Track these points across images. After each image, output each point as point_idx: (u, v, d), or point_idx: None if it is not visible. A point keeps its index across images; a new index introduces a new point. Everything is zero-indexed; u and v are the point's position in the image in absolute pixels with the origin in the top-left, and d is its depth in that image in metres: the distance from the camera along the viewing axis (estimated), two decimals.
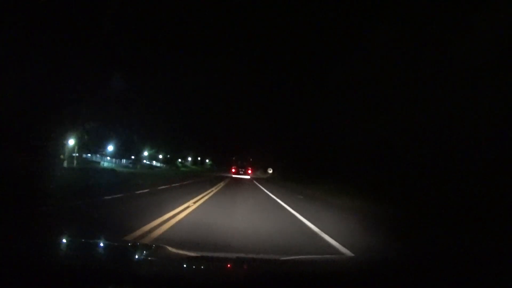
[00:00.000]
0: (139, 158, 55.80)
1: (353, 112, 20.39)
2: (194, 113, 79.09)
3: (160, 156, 65.10)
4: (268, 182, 31.13)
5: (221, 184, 23.26)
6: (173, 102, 62.98)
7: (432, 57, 12.49)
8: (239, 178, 38.12)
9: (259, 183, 27.80)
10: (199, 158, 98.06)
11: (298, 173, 30.83)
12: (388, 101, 15.16)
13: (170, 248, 2.62)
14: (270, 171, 38.43)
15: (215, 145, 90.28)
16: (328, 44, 28.06)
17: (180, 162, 77.61)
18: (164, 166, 69.08)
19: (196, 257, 2.53)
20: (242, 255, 3.19)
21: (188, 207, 8.74)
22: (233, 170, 44.60)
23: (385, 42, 16.10)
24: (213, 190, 16.13)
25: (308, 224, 7.20)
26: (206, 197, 12.13)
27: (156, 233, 5.19)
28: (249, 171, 43.95)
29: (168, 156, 71.49)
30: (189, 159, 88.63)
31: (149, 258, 2.49)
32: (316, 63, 33.42)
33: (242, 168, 43.96)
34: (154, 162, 68.11)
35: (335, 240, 5.43)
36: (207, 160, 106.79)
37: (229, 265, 2.38)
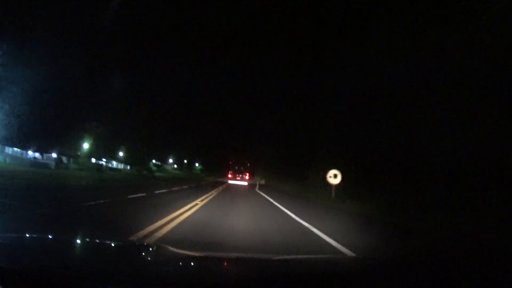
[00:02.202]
0: (80, 153, 33.64)
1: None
2: (183, 108, 61.90)
3: (121, 154, 42.78)
4: None
5: None
6: (155, 89, 47.13)
7: (434, 56, 12.38)
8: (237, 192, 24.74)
9: None
10: (185, 161, 75.94)
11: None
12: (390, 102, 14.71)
13: (171, 248, 2.50)
14: (337, 179, 14.32)
15: (206, 147, 74.18)
16: (331, 44, 27.31)
17: (155, 164, 55.28)
18: (130, 169, 46.91)
19: (197, 256, 2.56)
20: (242, 254, 3.27)
21: None
22: (230, 176, 42.25)
23: (389, 42, 14.90)
24: None
25: None
26: None
27: None
28: (247, 177, 42.10)
29: (146, 157, 49.45)
30: (170, 160, 66.19)
31: (150, 258, 2.40)
32: (318, 61, 30.18)
33: (239, 174, 42.26)
34: (114, 163, 45.92)
35: None
36: (196, 164, 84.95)
37: (229, 265, 2.33)
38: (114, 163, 45.45)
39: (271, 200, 15.47)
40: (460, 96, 11.13)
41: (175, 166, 73.13)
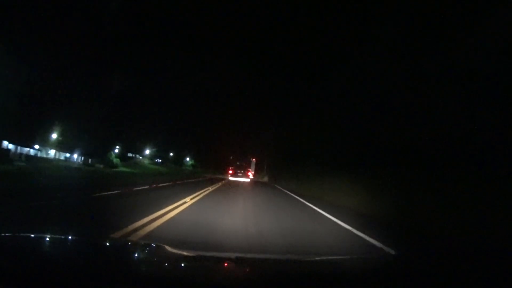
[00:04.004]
0: None
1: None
2: (169, 91, 49.71)
3: (55, 136, 28.59)
4: None
5: None
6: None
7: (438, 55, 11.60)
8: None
9: None
10: (171, 154, 61.69)
11: None
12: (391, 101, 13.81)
13: (168, 248, 2.45)
14: None
15: (200, 139, 63.24)
16: (333, 40, 23.62)
17: (118, 156, 41.01)
18: (71, 160, 32.90)
19: (195, 256, 2.52)
20: (241, 254, 3.09)
21: None
22: (231, 172, 40.17)
23: (390, 41, 14.39)
24: None
25: None
26: None
27: None
28: (249, 173, 39.50)
29: (103, 145, 35.50)
30: (147, 152, 51.92)
31: (148, 258, 2.33)
32: (320, 56, 25.69)
33: (241, 170, 39.58)
34: (52, 152, 31.79)
35: None
36: (187, 159, 71.06)
37: (228, 265, 2.26)
38: (52, 151, 31.34)
39: None
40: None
41: (160, 160, 59.08)
